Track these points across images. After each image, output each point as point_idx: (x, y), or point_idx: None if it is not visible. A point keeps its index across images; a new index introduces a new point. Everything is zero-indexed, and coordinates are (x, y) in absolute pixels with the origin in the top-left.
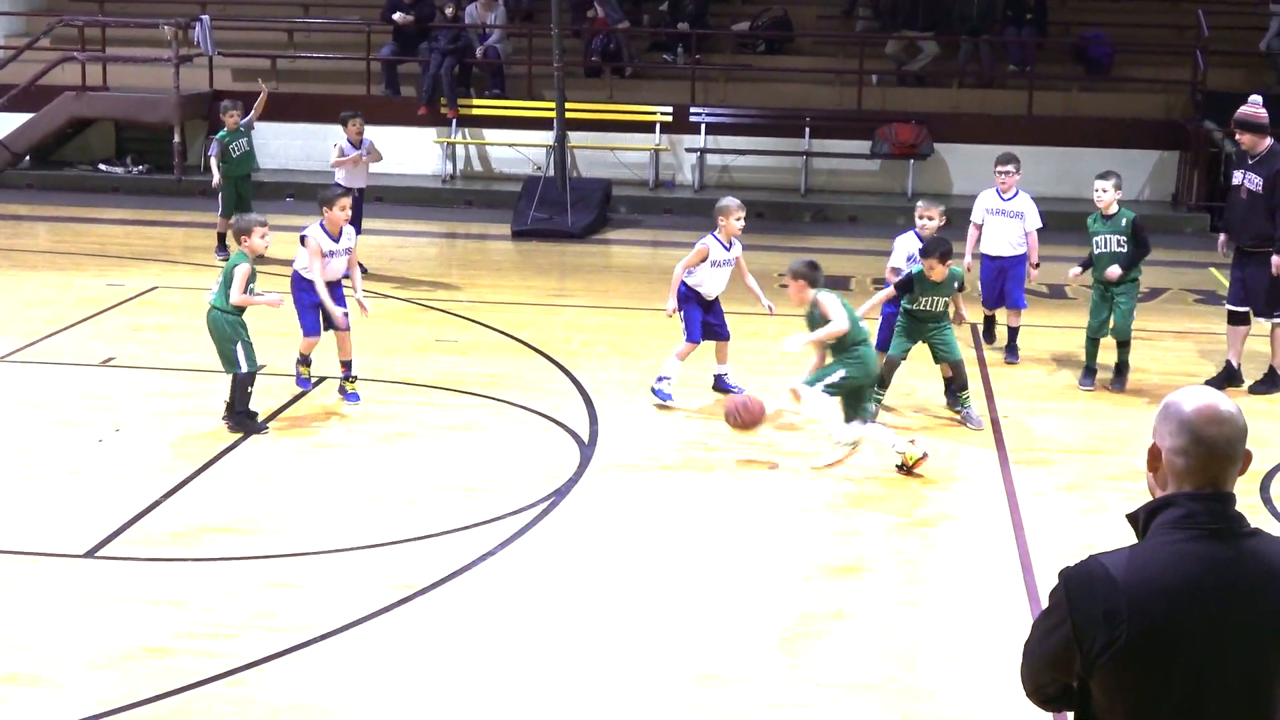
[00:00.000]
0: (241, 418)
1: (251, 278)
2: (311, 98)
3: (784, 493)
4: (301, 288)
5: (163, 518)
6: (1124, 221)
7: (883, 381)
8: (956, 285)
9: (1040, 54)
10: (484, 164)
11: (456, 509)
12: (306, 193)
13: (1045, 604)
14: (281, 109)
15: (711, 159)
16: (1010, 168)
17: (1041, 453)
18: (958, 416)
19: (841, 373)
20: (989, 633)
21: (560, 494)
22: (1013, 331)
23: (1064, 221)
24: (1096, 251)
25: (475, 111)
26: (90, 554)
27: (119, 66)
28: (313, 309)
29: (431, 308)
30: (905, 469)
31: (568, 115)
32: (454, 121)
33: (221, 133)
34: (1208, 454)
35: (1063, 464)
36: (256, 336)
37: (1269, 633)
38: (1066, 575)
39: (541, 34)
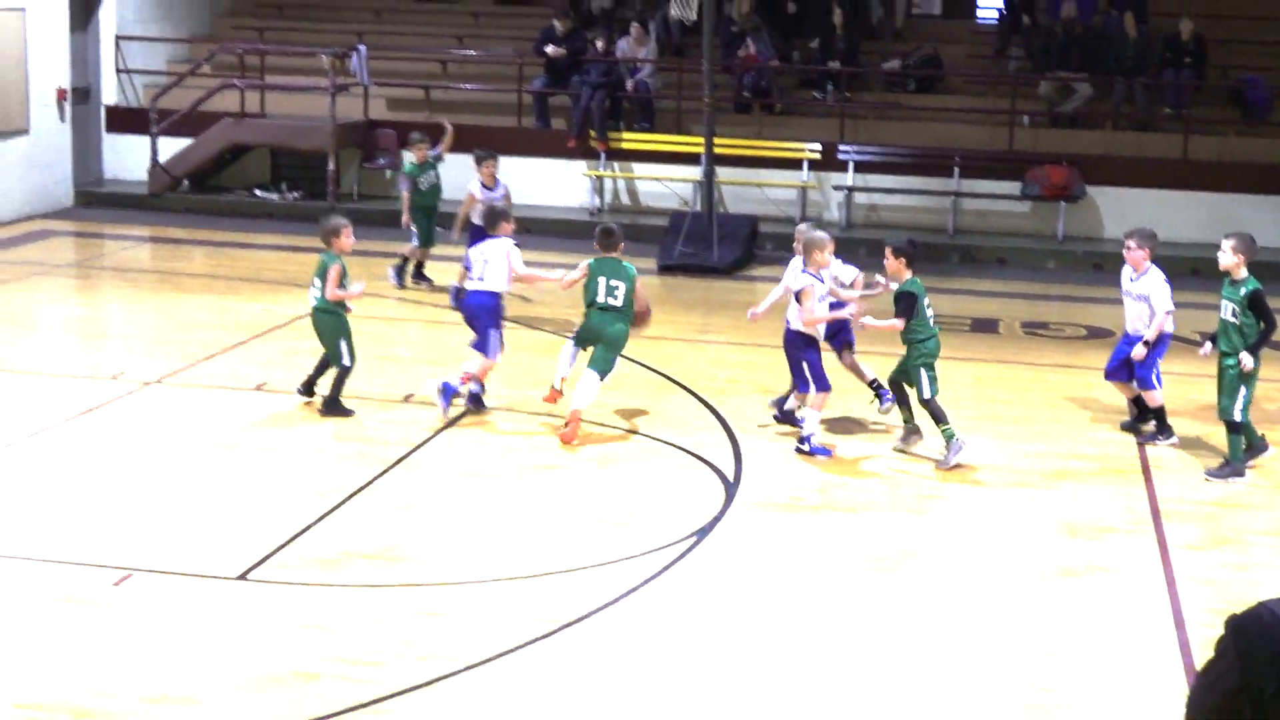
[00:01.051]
0: (335, 404)
1: (344, 275)
2: (462, 128)
3: (930, 538)
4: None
5: (313, 542)
6: (1243, 291)
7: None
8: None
9: (1197, 97)
10: (632, 198)
11: (601, 543)
12: (454, 222)
13: (1207, 656)
14: (433, 139)
15: (859, 197)
16: (1132, 243)
17: (1194, 505)
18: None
19: None
20: (1138, 688)
21: (704, 531)
22: (1157, 413)
23: (1216, 269)
24: (1219, 318)
25: (624, 145)
26: (242, 576)
27: (276, 94)
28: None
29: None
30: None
31: (716, 150)
32: (603, 155)
33: (409, 166)
34: None
35: (1216, 518)
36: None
37: None
38: (1235, 621)
39: (692, 69)
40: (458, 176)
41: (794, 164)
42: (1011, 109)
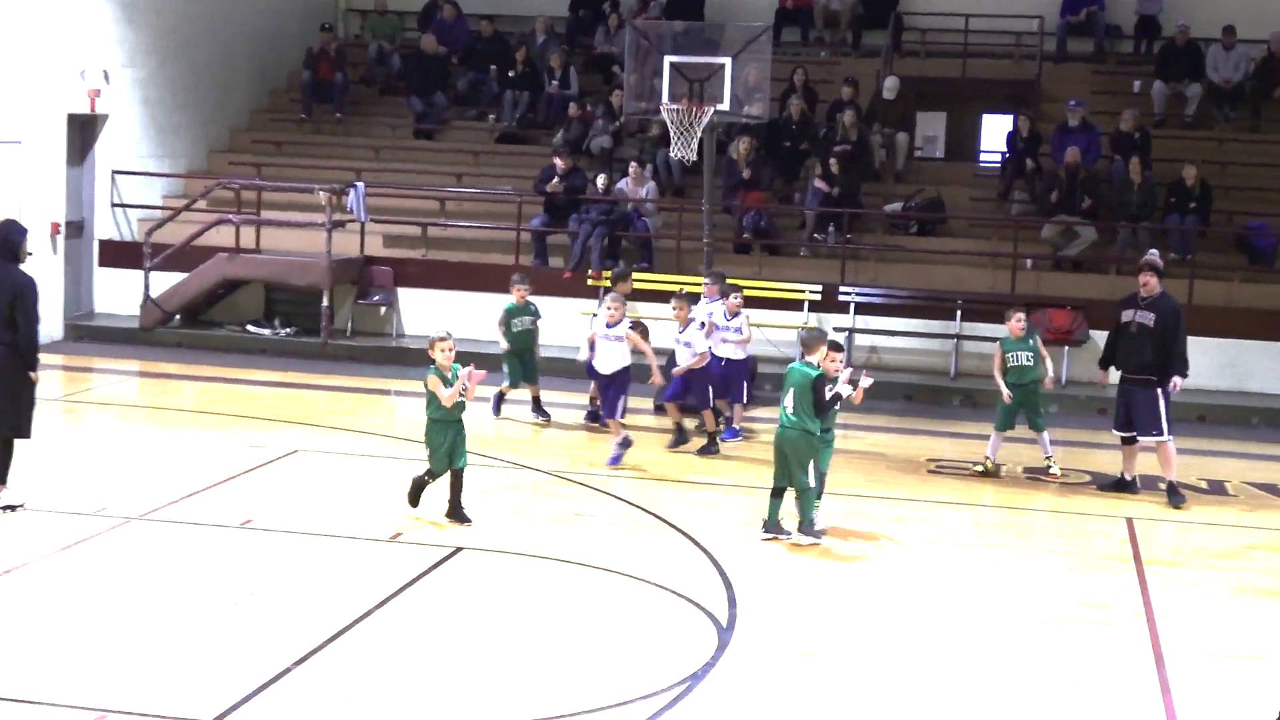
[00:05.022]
0: (457, 511)
1: (445, 383)
2: (460, 265)
3: (930, 691)
4: None
5: (292, 685)
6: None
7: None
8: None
9: (1202, 243)
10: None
11: (590, 690)
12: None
13: None
14: (430, 276)
15: (860, 339)
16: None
17: (1203, 658)
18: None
19: None
20: None
21: (695, 678)
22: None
23: (1225, 415)
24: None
25: None
26: None
27: (272, 229)
28: None
29: (570, 480)
30: None
31: None
32: (601, 293)
33: (510, 304)
34: None
35: (1227, 670)
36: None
37: None
38: None
39: (692, 209)
40: (464, 314)
41: (794, 305)
42: (1014, 252)
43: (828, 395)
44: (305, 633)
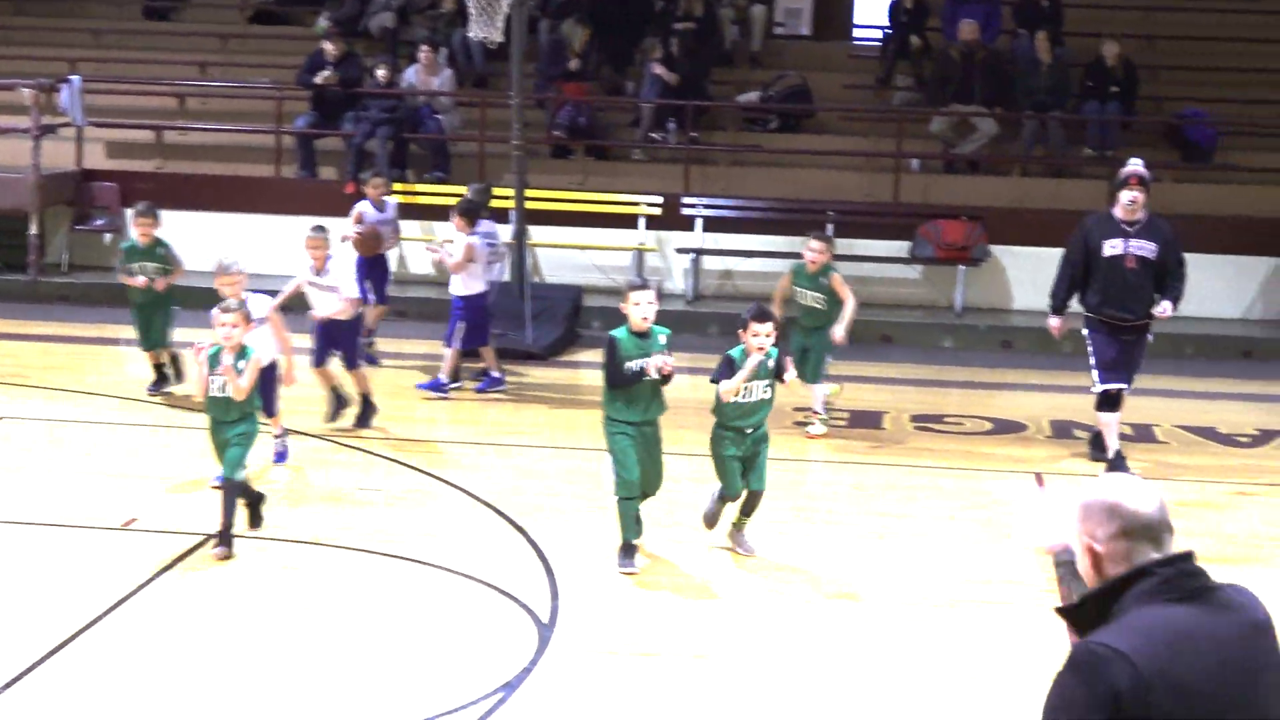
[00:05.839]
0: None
1: (214, 361)
2: (205, 179)
3: (785, 689)
4: None
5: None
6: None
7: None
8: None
9: (1126, 135)
10: (424, 265)
11: (381, 702)
12: (194, 299)
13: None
14: (167, 194)
15: (709, 262)
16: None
17: None
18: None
19: None
20: None
21: (510, 687)
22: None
23: (1153, 346)
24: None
25: (415, 199)
26: None
27: None
28: None
29: (348, 446)
30: None
31: (529, 205)
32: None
33: (128, 243)
34: (1148, 522)
35: None
36: None
37: (1273, 674)
38: (1076, 664)
39: (498, 103)
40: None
41: (627, 221)
42: (898, 151)
43: (636, 366)
44: (12, 650)
